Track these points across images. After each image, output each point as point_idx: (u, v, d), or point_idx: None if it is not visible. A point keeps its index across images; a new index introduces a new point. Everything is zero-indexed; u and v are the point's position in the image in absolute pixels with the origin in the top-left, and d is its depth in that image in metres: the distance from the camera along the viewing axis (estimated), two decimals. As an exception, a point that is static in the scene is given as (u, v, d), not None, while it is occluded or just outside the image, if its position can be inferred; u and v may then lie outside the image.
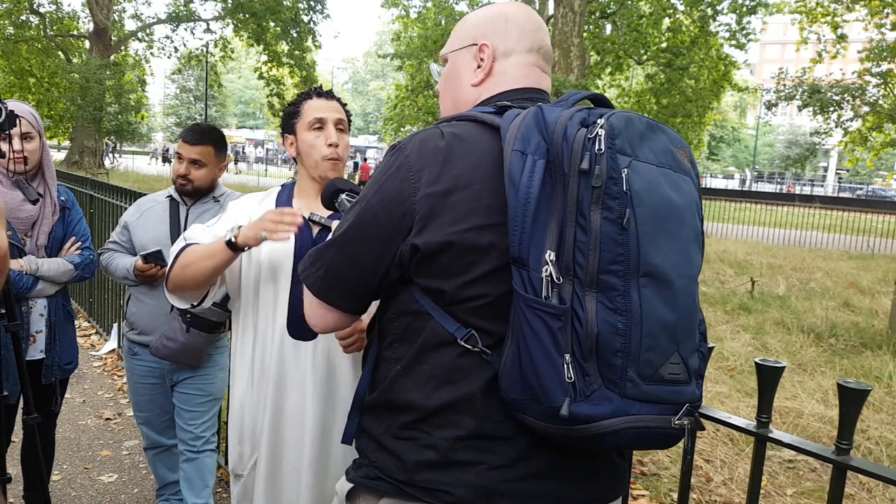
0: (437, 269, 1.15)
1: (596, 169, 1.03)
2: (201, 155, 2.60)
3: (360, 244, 1.21)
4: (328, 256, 1.25)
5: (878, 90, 15.64)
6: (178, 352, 2.51)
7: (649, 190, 1.05)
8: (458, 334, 1.15)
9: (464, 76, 1.34)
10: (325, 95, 1.96)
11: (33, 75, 24.27)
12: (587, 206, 1.03)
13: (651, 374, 1.05)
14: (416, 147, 1.20)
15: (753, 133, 57.78)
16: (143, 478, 3.48)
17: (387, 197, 1.19)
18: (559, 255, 1.05)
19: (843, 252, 14.98)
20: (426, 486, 1.16)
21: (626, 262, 1.03)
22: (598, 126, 1.05)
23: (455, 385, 1.16)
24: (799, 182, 43.52)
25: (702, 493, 3.40)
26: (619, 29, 18.01)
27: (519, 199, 1.07)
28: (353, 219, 1.22)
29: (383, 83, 63.50)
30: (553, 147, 1.07)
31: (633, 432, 1.06)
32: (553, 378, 1.04)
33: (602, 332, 1.02)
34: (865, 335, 6.78)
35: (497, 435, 1.15)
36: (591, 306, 1.03)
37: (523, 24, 1.33)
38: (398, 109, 19.91)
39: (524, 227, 1.07)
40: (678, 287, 1.08)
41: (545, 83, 1.34)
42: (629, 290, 1.03)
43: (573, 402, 1.03)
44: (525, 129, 1.11)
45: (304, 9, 23.88)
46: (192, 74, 46.60)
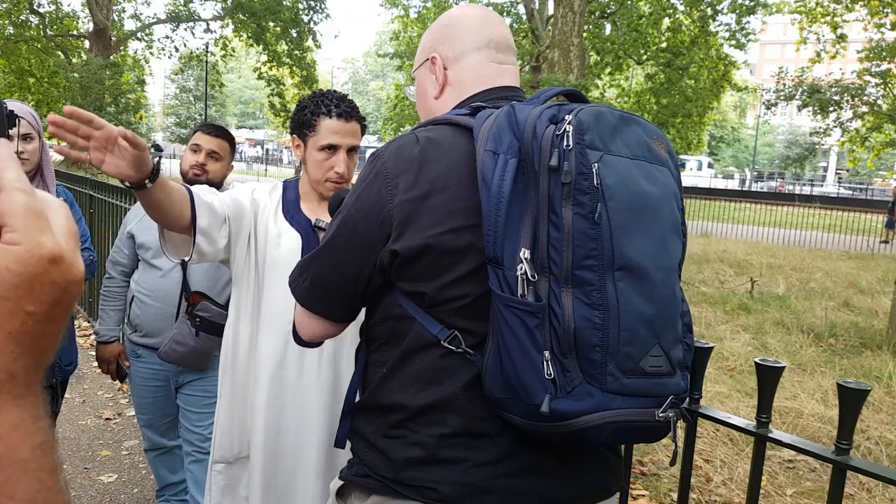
0: (417, 273, 1.16)
1: (565, 165, 1.04)
2: (219, 147, 2.63)
3: (343, 253, 1.23)
4: (314, 267, 1.27)
5: (877, 90, 15.64)
6: (187, 356, 2.52)
7: (622, 184, 1.06)
8: (441, 336, 1.16)
9: (427, 92, 1.37)
10: (344, 116, 1.87)
11: (33, 75, 24.25)
12: (558, 203, 1.04)
13: (631, 368, 1.06)
14: (392, 154, 1.21)
15: (753, 133, 57.76)
16: (143, 478, 3.48)
17: (365, 205, 1.20)
18: (534, 252, 1.05)
19: (843, 252, 14.97)
20: (412, 484, 1.17)
21: (599, 256, 1.04)
22: (567, 122, 1.05)
23: (440, 385, 1.17)
24: (798, 182, 43.52)
25: (702, 493, 3.40)
26: (619, 29, 18.00)
27: (491, 199, 1.08)
28: (335, 229, 1.24)
29: (383, 83, 63.54)
30: (524, 145, 1.08)
31: (616, 426, 1.06)
32: (532, 376, 1.04)
33: (579, 328, 1.03)
34: (865, 335, 6.78)
35: (482, 432, 1.16)
36: (568, 302, 1.04)
37: (466, 23, 1.33)
38: (398, 109, 19.90)
39: (497, 226, 1.07)
40: (656, 279, 1.08)
41: (507, 75, 1.33)
42: (605, 284, 1.04)
43: (554, 398, 1.04)
44: (497, 128, 1.12)
45: (304, 9, 23.86)
46: (191, 74, 46.55)
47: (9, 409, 0.41)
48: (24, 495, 0.40)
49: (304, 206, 1.95)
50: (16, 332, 0.41)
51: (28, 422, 0.42)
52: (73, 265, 0.44)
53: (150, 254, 2.61)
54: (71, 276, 0.44)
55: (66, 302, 0.44)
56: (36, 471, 0.41)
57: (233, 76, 56.55)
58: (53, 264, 0.42)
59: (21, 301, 0.41)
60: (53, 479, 0.42)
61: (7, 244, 0.42)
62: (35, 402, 0.43)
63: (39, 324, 0.42)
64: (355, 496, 1.27)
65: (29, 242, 0.42)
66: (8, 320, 0.41)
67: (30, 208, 0.43)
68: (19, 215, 0.42)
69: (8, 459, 0.40)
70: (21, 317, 0.41)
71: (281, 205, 1.94)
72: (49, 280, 0.42)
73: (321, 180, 1.89)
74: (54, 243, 0.43)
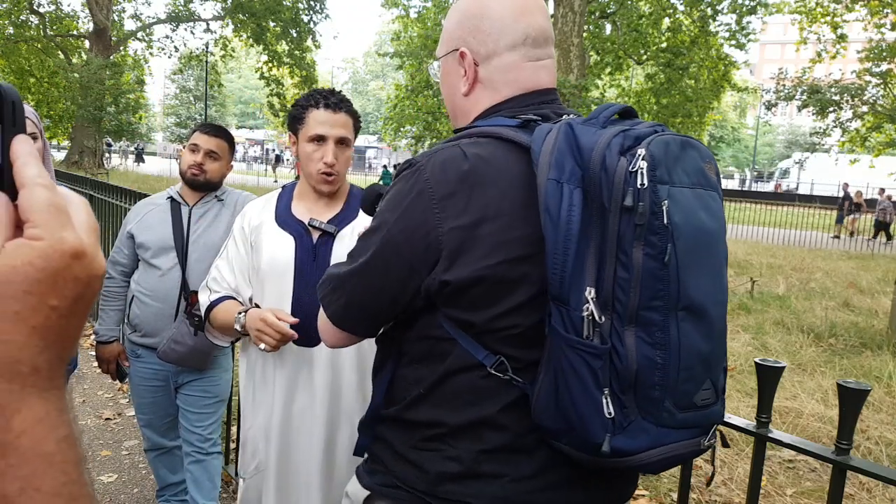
0: (467, 303, 1.11)
1: (640, 206, 0.99)
2: (218, 147, 2.62)
3: (383, 276, 1.16)
4: (349, 286, 1.20)
5: (877, 90, 15.64)
6: (186, 355, 2.51)
7: (686, 221, 1.03)
8: (488, 362, 1.12)
9: (455, 84, 1.27)
10: (332, 107, 1.88)
11: (33, 75, 24.25)
12: (629, 243, 1.00)
13: (686, 404, 1.06)
14: (437, 171, 1.12)
15: (753, 133, 57.75)
16: (143, 478, 3.48)
17: (409, 227, 1.12)
18: (598, 291, 1.02)
19: (843, 252, 14.97)
20: (449, 498, 1.15)
21: (666, 297, 1.02)
22: (640, 158, 1.00)
23: (480, 406, 1.14)
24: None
25: (702, 493, 3.40)
26: (619, 29, 18.00)
27: (559, 235, 1.03)
28: (376, 248, 1.16)
29: (383, 83, 63.46)
30: (590, 176, 1.02)
31: (668, 460, 1.07)
32: (593, 415, 1.03)
33: (641, 368, 1.02)
34: (865, 335, 6.78)
35: (520, 448, 1.15)
36: (631, 342, 1.02)
37: (503, 14, 1.20)
38: (398, 109, 19.90)
39: (566, 265, 1.03)
40: (713, 316, 1.07)
41: (543, 73, 1.23)
42: (668, 324, 1.02)
43: (613, 436, 1.03)
44: (558, 153, 1.05)
45: (304, 9, 23.86)
46: (191, 74, 46.54)
47: (34, 402, 0.41)
48: (50, 488, 0.41)
49: (299, 206, 1.95)
50: (40, 326, 0.42)
51: (53, 415, 0.42)
52: (95, 260, 0.44)
53: (150, 254, 2.61)
54: (93, 271, 0.44)
55: (87, 297, 0.44)
56: (61, 463, 0.42)
57: (233, 76, 56.59)
58: (76, 259, 0.43)
59: (44, 296, 0.42)
60: (78, 472, 0.43)
61: (30, 239, 0.42)
62: (59, 395, 0.43)
63: (62, 318, 0.43)
64: (383, 501, 1.22)
65: (51, 238, 0.42)
66: (32, 314, 0.41)
67: (52, 204, 0.44)
68: (41, 211, 0.43)
69: (33, 452, 0.41)
70: (45, 311, 0.42)
71: (274, 214, 1.95)
72: (72, 275, 0.43)
73: (313, 172, 1.88)
74: (76, 238, 0.43)
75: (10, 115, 0.46)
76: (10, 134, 0.46)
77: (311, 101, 1.89)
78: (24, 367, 0.41)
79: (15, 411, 0.41)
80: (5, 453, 0.40)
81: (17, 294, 0.41)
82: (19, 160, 0.45)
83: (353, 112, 1.94)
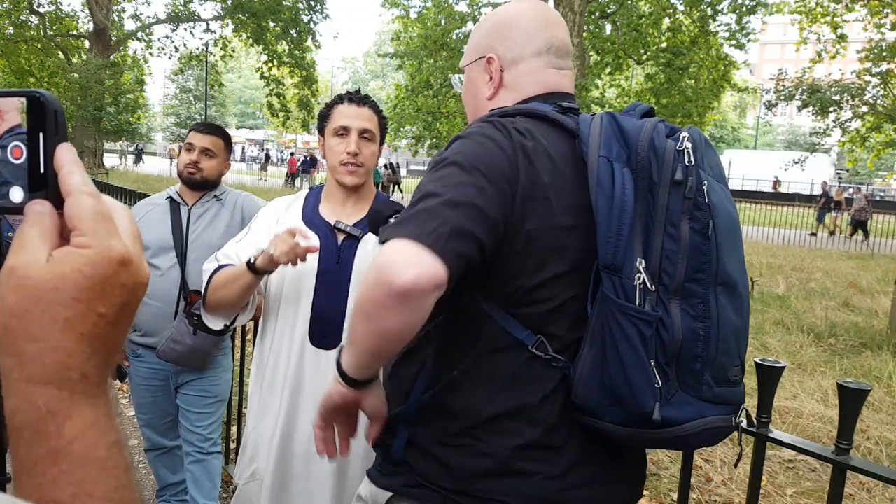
0: (513, 267, 1.12)
1: (689, 181, 1.07)
2: (213, 145, 2.62)
3: (479, 196, 1.06)
4: (444, 212, 1.04)
5: (877, 90, 15.64)
6: (185, 355, 2.51)
7: (720, 203, 1.11)
8: (529, 341, 1.13)
9: (479, 89, 1.34)
10: (356, 101, 1.93)
11: (33, 75, 24.24)
12: (677, 216, 1.08)
13: (722, 377, 1.11)
14: (488, 136, 1.12)
15: (753, 133, 57.76)
16: (143, 478, 3.48)
17: (490, 160, 1.09)
18: (647, 263, 1.08)
19: (843, 252, 14.97)
20: (481, 496, 1.13)
21: (708, 270, 1.08)
22: (685, 139, 1.10)
23: (515, 392, 1.14)
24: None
25: (702, 493, 3.40)
26: (619, 29, 18.00)
27: (614, 208, 1.08)
28: (461, 176, 1.07)
29: (383, 83, 63.48)
30: (637, 156, 1.09)
31: (706, 433, 1.12)
32: (644, 384, 1.06)
33: (686, 339, 1.07)
34: (865, 335, 6.78)
35: (552, 444, 1.15)
36: (676, 313, 1.07)
37: (529, 26, 1.30)
38: (398, 109, 19.89)
39: (620, 234, 1.07)
40: (743, 295, 1.15)
41: (565, 82, 1.32)
42: (708, 297, 1.09)
43: (661, 406, 1.07)
44: (605, 135, 1.12)
45: (304, 9, 23.85)
46: (191, 74, 46.53)
47: (83, 408, 0.42)
48: (103, 493, 0.41)
49: (326, 208, 1.94)
50: (88, 333, 0.42)
51: (102, 420, 0.43)
52: (140, 267, 0.45)
53: (149, 253, 2.61)
54: (138, 279, 0.45)
55: (133, 304, 0.45)
56: (112, 468, 0.42)
57: (233, 76, 56.59)
58: (122, 266, 0.44)
59: (93, 303, 0.42)
60: (128, 477, 0.43)
61: (78, 247, 0.43)
62: (106, 401, 0.44)
63: (109, 325, 0.43)
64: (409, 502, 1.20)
65: (99, 245, 0.43)
66: (80, 321, 0.42)
67: (98, 212, 0.44)
68: (88, 219, 0.44)
69: (86, 458, 0.41)
70: (93, 318, 0.42)
71: (301, 214, 1.95)
72: (119, 282, 0.43)
73: (336, 165, 1.89)
74: (123, 246, 0.44)
75: (52, 124, 0.46)
76: (54, 142, 0.46)
77: (338, 99, 1.96)
78: (74, 373, 0.42)
79: (66, 417, 0.41)
80: (57, 459, 0.41)
81: (67, 301, 0.42)
82: (64, 168, 0.46)
83: (377, 109, 1.97)
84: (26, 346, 0.41)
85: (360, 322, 1.06)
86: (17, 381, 0.41)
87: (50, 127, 0.46)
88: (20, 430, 0.41)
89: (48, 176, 0.46)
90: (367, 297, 1.02)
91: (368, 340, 1.07)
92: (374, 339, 1.06)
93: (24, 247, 0.43)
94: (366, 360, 1.12)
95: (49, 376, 0.41)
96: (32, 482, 0.40)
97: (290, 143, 52.23)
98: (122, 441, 0.44)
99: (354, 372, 1.14)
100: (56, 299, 0.41)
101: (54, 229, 0.44)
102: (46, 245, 0.43)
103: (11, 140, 0.46)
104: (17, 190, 0.46)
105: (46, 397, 0.41)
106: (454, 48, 17.85)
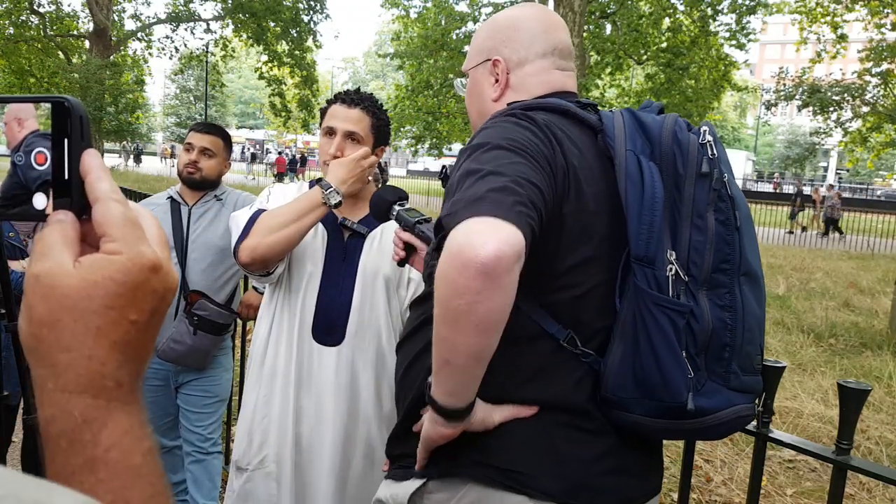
0: (545, 248, 1.10)
1: (715, 173, 1.10)
2: (212, 144, 2.62)
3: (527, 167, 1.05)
4: (507, 186, 1.00)
5: (877, 90, 15.63)
6: (185, 354, 2.51)
7: (740, 195, 1.14)
8: (560, 335, 1.13)
9: (485, 92, 1.35)
10: (347, 102, 1.90)
11: (33, 75, 24.24)
12: (703, 208, 1.10)
13: (748, 366, 1.13)
14: (517, 124, 1.13)
15: (753, 133, 57.75)
16: (144, 478, 3.48)
17: (528, 144, 1.08)
18: (677, 254, 1.09)
19: (843, 252, 14.97)
20: (513, 469, 1.13)
21: (733, 261, 1.11)
22: (706, 133, 1.12)
23: (543, 382, 1.15)
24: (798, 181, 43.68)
25: (702, 493, 3.40)
26: (619, 29, 17.99)
27: (645, 199, 1.09)
28: (502, 155, 1.05)
29: (383, 83, 63.47)
30: (661, 150, 1.11)
31: (736, 422, 1.13)
32: (678, 374, 1.07)
33: (715, 329, 1.09)
34: (865, 335, 6.78)
35: (586, 428, 1.16)
36: (705, 303, 1.09)
37: (534, 28, 1.32)
38: (398, 109, 19.89)
39: (653, 226, 1.09)
40: (762, 285, 1.17)
41: (570, 82, 1.34)
42: (734, 287, 1.11)
43: (694, 396, 1.08)
44: (628, 129, 1.15)
45: (304, 9, 23.85)
46: (192, 74, 46.48)
47: (118, 416, 0.42)
48: (139, 500, 0.41)
49: None
50: (120, 340, 0.42)
51: (136, 427, 0.43)
52: (170, 273, 0.45)
53: (150, 254, 2.61)
54: (168, 284, 0.44)
55: (162, 310, 0.45)
56: (148, 475, 0.42)
57: (233, 76, 56.56)
58: (153, 273, 0.43)
59: (124, 310, 0.42)
60: (162, 484, 0.43)
61: (108, 254, 0.42)
62: (139, 408, 0.44)
63: (140, 332, 0.43)
64: (441, 491, 1.17)
65: (130, 252, 0.43)
66: (113, 329, 0.42)
67: (127, 219, 0.44)
68: (118, 225, 0.43)
69: (122, 465, 0.41)
70: (125, 325, 0.42)
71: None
72: (150, 288, 0.43)
73: (323, 165, 1.90)
74: (153, 252, 0.44)
75: (77, 130, 0.46)
76: (79, 148, 0.46)
77: (334, 98, 1.96)
78: (109, 381, 0.41)
79: (102, 426, 0.41)
80: (95, 468, 0.40)
81: (99, 309, 0.41)
82: (91, 174, 0.45)
83: (370, 110, 1.92)
84: (60, 355, 0.41)
85: (448, 330, 0.97)
86: (51, 390, 0.41)
87: (75, 133, 0.46)
88: (56, 439, 0.41)
89: (73, 182, 0.45)
90: (451, 290, 0.94)
91: (466, 345, 0.97)
92: (473, 337, 0.96)
93: (48, 254, 0.42)
94: (466, 375, 1.03)
95: (84, 385, 0.41)
96: None
97: (291, 142, 52.25)
98: (155, 448, 0.44)
99: (455, 399, 1.06)
100: (89, 307, 0.41)
101: (76, 235, 0.44)
102: (70, 251, 0.43)
103: (35, 146, 0.46)
104: (40, 196, 0.46)
105: (82, 406, 0.41)
106: (454, 48, 17.86)
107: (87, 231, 0.45)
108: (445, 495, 1.16)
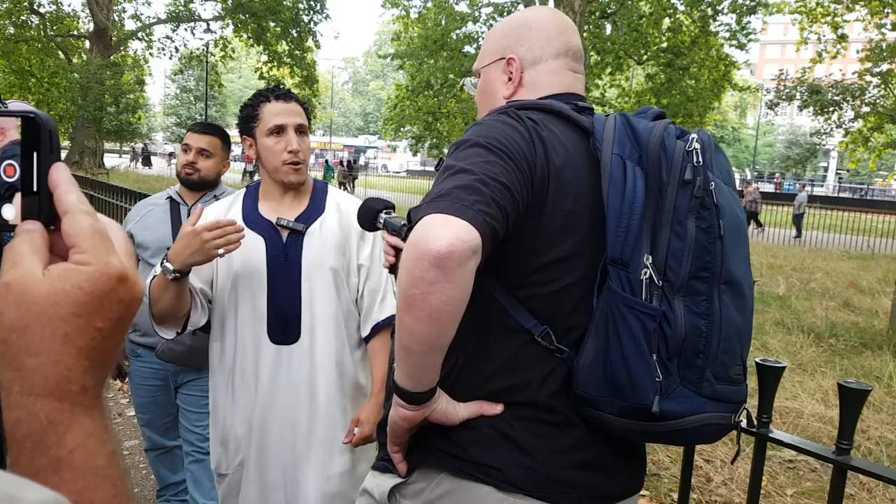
0: (521, 245, 1.14)
1: (698, 180, 1.10)
2: (209, 145, 2.62)
3: (505, 172, 1.09)
4: (472, 186, 1.04)
5: (878, 90, 15.63)
6: (184, 355, 2.51)
7: (727, 204, 1.13)
8: (536, 330, 1.16)
9: (497, 90, 1.37)
10: (283, 98, 1.90)
11: (33, 75, 24.26)
12: (684, 215, 1.10)
13: (723, 375, 1.13)
14: (504, 122, 1.17)
15: (753, 133, 57.77)
16: (144, 478, 3.48)
17: (513, 140, 1.12)
18: (654, 259, 1.10)
19: (843, 252, 14.97)
20: (480, 462, 1.16)
21: (712, 269, 1.11)
22: (694, 140, 1.13)
23: (516, 373, 1.17)
24: (798, 181, 43.69)
25: (702, 493, 3.40)
26: (619, 29, 17.99)
27: (625, 203, 1.11)
28: (480, 153, 1.10)
29: (383, 83, 63.48)
30: (648, 156, 1.12)
31: (703, 429, 1.13)
32: (646, 377, 1.09)
33: (689, 335, 1.09)
34: (865, 335, 6.78)
35: (554, 422, 1.18)
36: (679, 310, 1.09)
37: (548, 29, 1.34)
38: (398, 109, 19.91)
39: (629, 230, 1.11)
40: (747, 295, 1.16)
41: (579, 85, 1.36)
42: (712, 295, 1.11)
43: (661, 399, 1.09)
44: (619, 134, 1.16)
45: (304, 9, 23.86)
46: (192, 75, 46.54)
47: (83, 419, 0.43)
48: (103, 500, 0.43)
49: (265, 206, 1.94)
50: (86, 347, 0.44)
51: (101, 430, 0.44)
52: (137, 283, 0.47)
53: (149, 253, 2.61)
54: (134, 294, 0.46)
55: (128, 318, 0.47)
56: (111, 476, 0.44)
57: (233, 76, 56.58)
58: (120, 283, 0.45)
59: (91, 318, 0.44)
60: (125, 485, 0.45)
61: (77, 264, 0.44)
62: (103, 412, 0.45)
63: (106, 339, 0.45)
64: (416, 481, 1.22)
65: (98, 262, 0.44)
66: (80, 336, 0.43)
67: (96, 230, 0.46)
68: (87, 237, 0.45)
69: (86, 466, 0.43)
70: (91, 333, 0.44)
71: (241, 215, 1.94)
72: (116, 298, 0.45)
73: (279, 166, 1.88)
74: (120, 263, 0.46)
75: (47, 143, 0.48)
76: (48, 162, 0.47)
77: (261, 98, 1.92)
78: (74, 385, 0.43)
79: (67, 428, 0.43)
80: (59, 469, 0.42)
81: (67, 316, 0.43)
82: (60, 187, 0.47)
83: (302, 103, 1.96)
84: (27, 360, 0.42)
85: (406, 316, 1.03)
86: (18, 394, 0.42)
87: (45, 146, 0.47)
88: (22, 441, 0.42)
89: (42, 194, 0.47)
90: (407, 279, 1.00)
91: (420, 332, 1.02)
92: (426, 326, 1.01)
93: (18, 262, 0.44)
94: (422, 361, 1.07)
95: (50, 389, 0.42)
96: None
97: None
98: (118, 450, 0.45)
99: (412, 383, 1.10)
100: (57, 314, 0.43)
101: (45, 245, 0.46)
102: (39, 260, 0.44)
103: (5, 159, 0.47)
104: (8, 207, 0.47)
105: (48, 409, 0.42)
106: (454, 48, 17.87)
107: (55, 241, 0.46)
108: (422, 485, 1.21)
